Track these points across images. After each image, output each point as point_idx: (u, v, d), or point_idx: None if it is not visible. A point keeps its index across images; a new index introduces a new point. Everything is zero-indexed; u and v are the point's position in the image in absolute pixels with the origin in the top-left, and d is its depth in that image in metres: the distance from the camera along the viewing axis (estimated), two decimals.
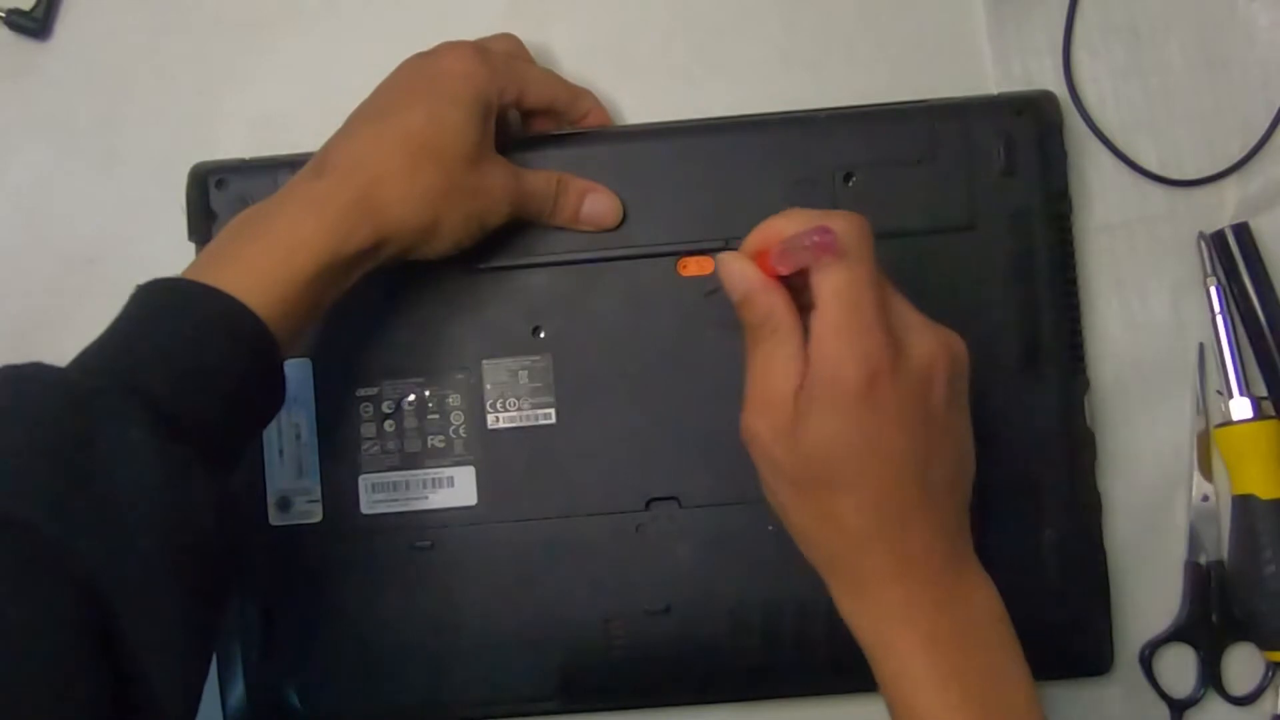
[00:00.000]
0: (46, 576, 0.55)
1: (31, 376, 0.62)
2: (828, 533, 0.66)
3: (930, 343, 0.64)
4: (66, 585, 0.55)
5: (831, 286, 0.62)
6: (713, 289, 0.74)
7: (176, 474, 0.61)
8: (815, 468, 0.64)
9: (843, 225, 0.63)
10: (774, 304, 0.64)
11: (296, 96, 0.87)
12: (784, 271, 0.64)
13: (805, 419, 0.63)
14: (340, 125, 0.76)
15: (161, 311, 0.66)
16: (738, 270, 0.65)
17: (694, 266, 0.80)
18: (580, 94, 0.82)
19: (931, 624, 0.65)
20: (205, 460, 0.62)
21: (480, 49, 0.77)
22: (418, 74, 0.76)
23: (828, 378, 0.62)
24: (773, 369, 0.64)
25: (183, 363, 0.64)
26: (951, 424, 0.65)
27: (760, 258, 0.65)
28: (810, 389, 0.63)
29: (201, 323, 0.65)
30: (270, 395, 0.69)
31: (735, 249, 0.67)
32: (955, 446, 0.66)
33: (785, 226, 0.64)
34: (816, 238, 0.61)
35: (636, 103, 0.85)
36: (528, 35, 0.86)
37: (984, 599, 0.67)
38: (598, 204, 0.80)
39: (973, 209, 0.80)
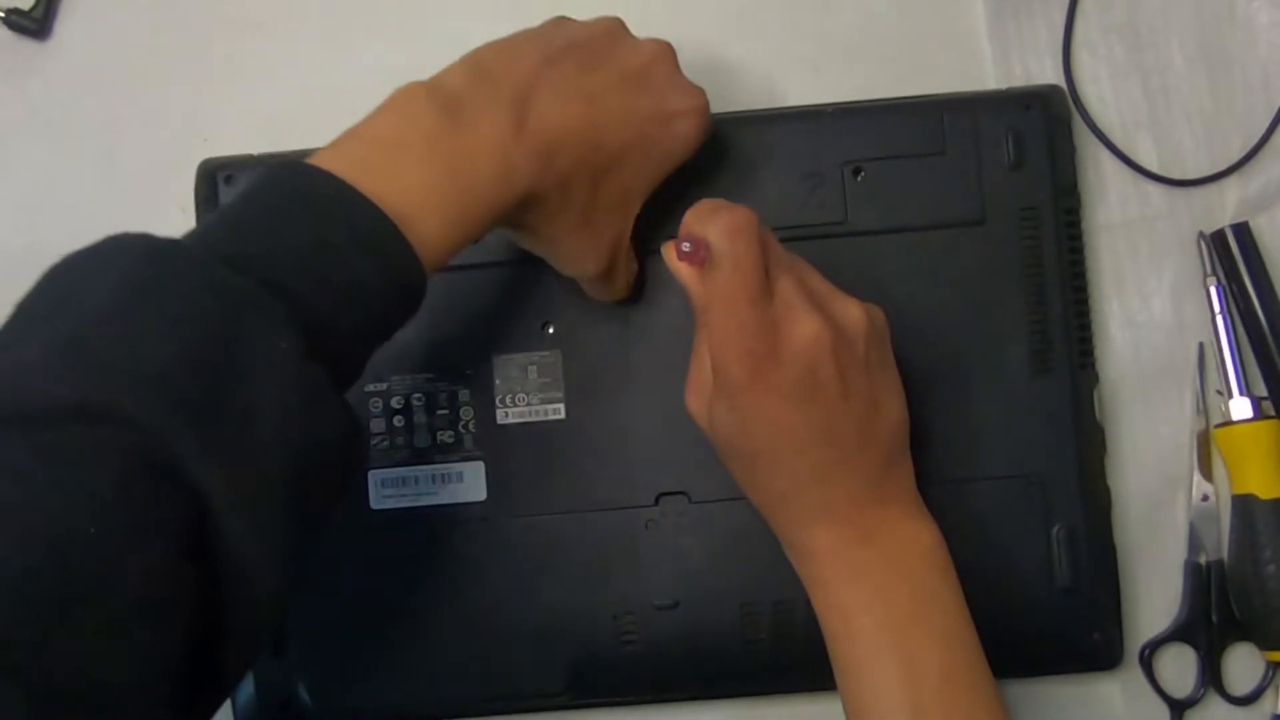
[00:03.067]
0: (162, 486, 0.52)
1: (173, 254, 0.56)
2: (759, 494, 0.72)
3: (810, 324, 0.67)
4: (179, 497, 0.52)
5: (711, 290, 0.68)
6: None
7: (314, 397, 0.57)
8: (729, 444, 0.71)
9: (716, 231, 0.67)
10: (702, 295, 0.69)
11: (296, 97, 0.87)
12: (677, 265, 0.70)
13: (714, 404, 0.70)
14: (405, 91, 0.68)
15: (312, 208, 0.60)
16: (670, 263, 0.70)
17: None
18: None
19: (856, 557, 0.70)
20: (333, 381, 0.58)
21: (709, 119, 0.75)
22: (648, 105, 0.73)
23: (719, 371, 0.68)
24: (702, 354, 0.71)
25: (330, 272, 0.59)
26: (852, 388, 0.69)
27: None
28: (713, 384, 0.69)
29: (357, 237, 0.59)
30: (398, 324, 0.63)
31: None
32: (862, 406, 0.70)
33: (687, 221, 0.70)
34: (687, 248, 0.68)
35: None
36: None
37: (913, 532, 0.72)
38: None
39: (982, 203, 0.81)
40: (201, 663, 0.54)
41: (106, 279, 0.55)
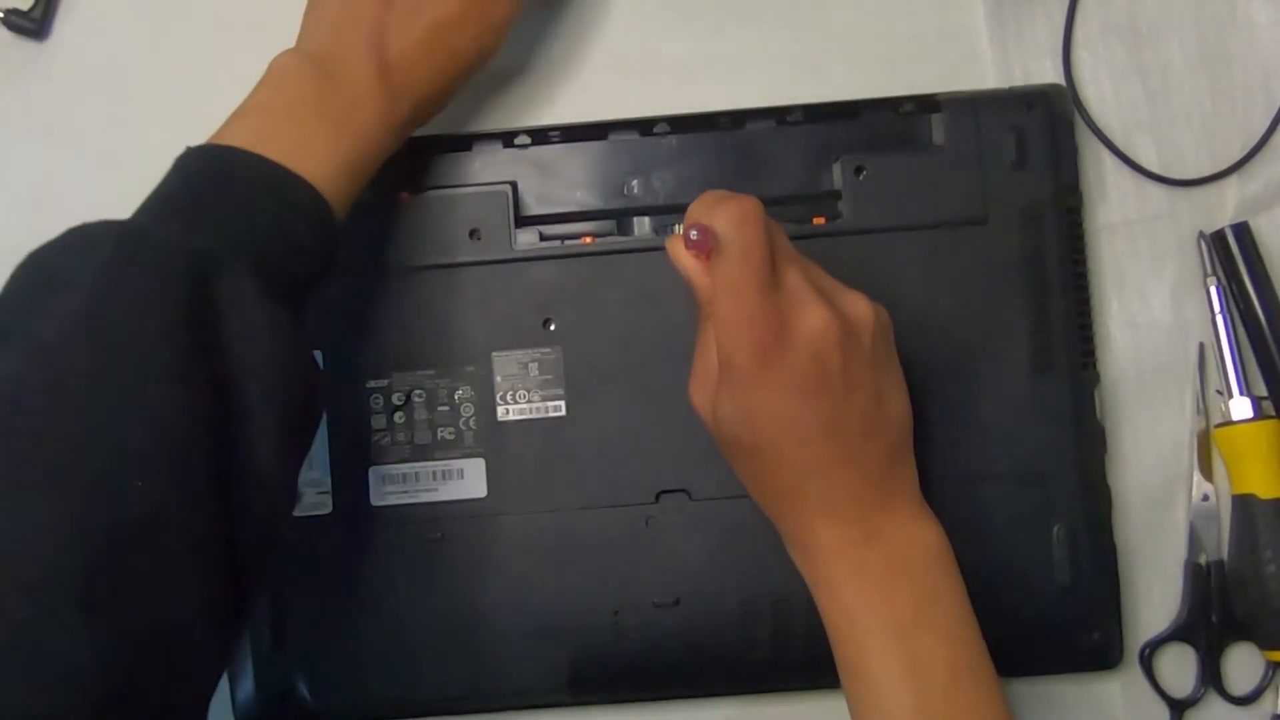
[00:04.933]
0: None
1: (139, 238, 0.63)
2: (760, 489, 0.72)
3: (819, 315, 0.67)
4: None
5: (718, 279, 0.67)
6: None
7: (290, 336, 0.64)
8: (733, 437, 0.70)
9: (723, 219, 0.67)
10: (707, 287, 0.69)
11: None
12: (683, 255, 0.69)
13: (718, 396, 0.69)
14: None
15: (241, 184, 0.67)
16: (675, 255, 0.70)
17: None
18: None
19: (860, 557, 0.70)
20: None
21: None
22: None
23: (725, 362, 0.68)
24: (706, 346, 0.70)
25: (274, 236, 0.66)
26: (858, 381, 0.68)
27: None
28: (721, 373, 0.69)
29: (290, 205, 0.68)
30: (325, 275, 0.71)
31: None
32: (867, 401, 0.69)
33: (692, 211, 0.70)
34: (694, 237, 0.67)
35: (637, 102, 0.85)
36: (527, 35, 0.86)
37: (917, 532, 0.71)
38: None
39: (984, 202, 0.80)
40: (237, 592, 0.61)
41: (82, 270, 0.61)
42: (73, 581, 0.53)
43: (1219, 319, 0.83)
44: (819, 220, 0.81)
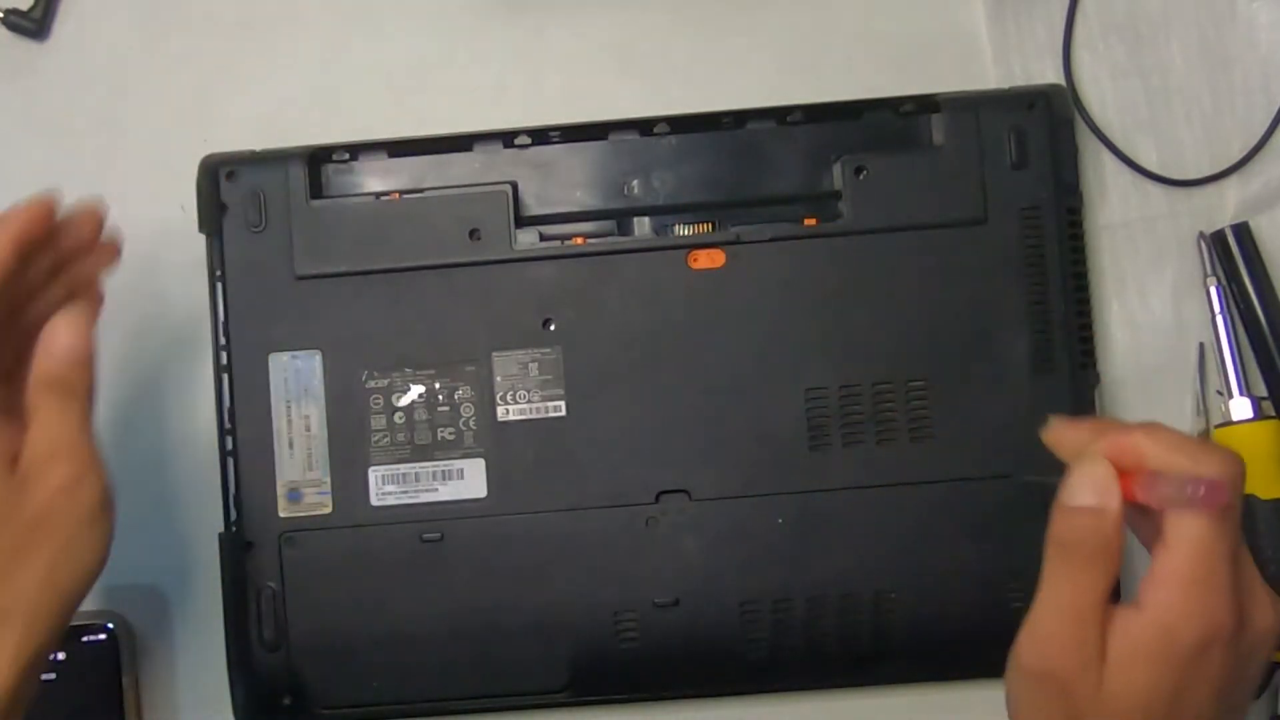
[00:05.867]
0: None
1: None
2: None
3: (1271, 617, 0.59)
4: None
5: (1194, 535, 0.57)
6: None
7: None
8: (1116, 713, 0.59)
9: (1223, 476, 0.57)
10: (1113, 531, 0.59)
11: (296, 96, 0.87)
12: (1143, 501, 0.58)
13: (1123, 662, 0.58)
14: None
15: None
16: (1101, 479, 0.59)
17: (704, 259, 0.80)
18: None
19: None
20: None
21: None
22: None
23: (1164, 627, 0.57)
24: (1083, 598, 0.59)
25: None
26: (1240, 701, 0.61)
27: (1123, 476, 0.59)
28: (1138, 633, 0.58)
29: None
30: None
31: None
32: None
33: (1152, 451, 0.59)
34: (1203, 492, 0.56)
35: (637, 103, 0.85)
36: (527, 35, 0.86)
37: None
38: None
39: (984, 202, 0.80)
40: None
41: None
42: None
43: (1219, 319, 0.83)
44: (810, 221, 0.81)
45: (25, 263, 0.69)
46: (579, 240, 0.81)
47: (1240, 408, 0.82)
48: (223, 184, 0.81)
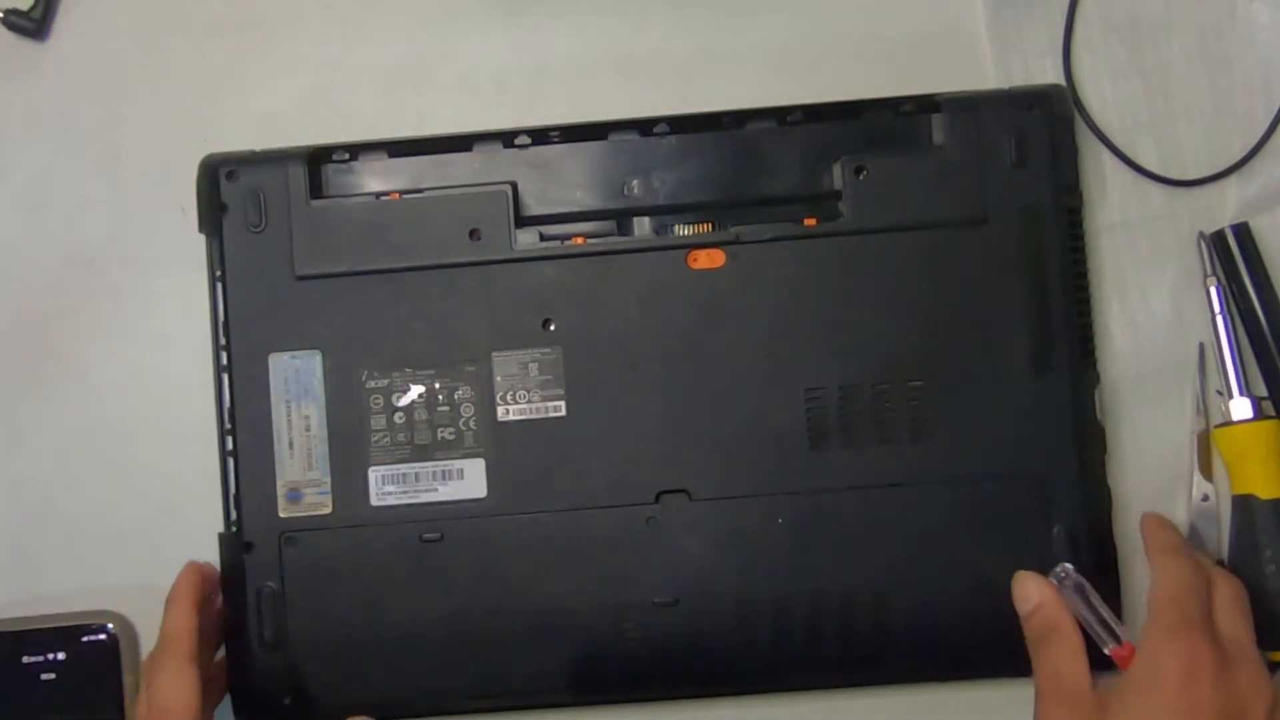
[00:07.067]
0: None
1: None
2: None
3: (1260, 675, 0.69)
4: None
5: (1157, 575, 0.72)
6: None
7: None
8: None
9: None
10: (1057, 612, 0.73)
11: (296, 96, 0.87)
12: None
13: (1113, 708, 0.69)
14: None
15: None
16: (1030, 587, 0.75)
17: (704, 259, 0.80)
18: None
19: None
20: None
21: None
22: None
23: (1148, 665, 0.69)
24: (1061, 666, 0.72)
25: None
26: None
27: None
28: (1128, 679, 0.69)
29: None
30: None
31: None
32: None
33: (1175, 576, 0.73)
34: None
35: (636, 103, 0.85)
36: (527, 35, 0.86)
37: None
38: None
39: (984, 202, 0.80)
40: None
41: None
42: None
43: (1219, 319, 0.83)
44: (810, 221, 0.81)
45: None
46: (579, 240, 0.82)
47: (1240, 408, 0.82)
48: (223, 184, 0.81)
